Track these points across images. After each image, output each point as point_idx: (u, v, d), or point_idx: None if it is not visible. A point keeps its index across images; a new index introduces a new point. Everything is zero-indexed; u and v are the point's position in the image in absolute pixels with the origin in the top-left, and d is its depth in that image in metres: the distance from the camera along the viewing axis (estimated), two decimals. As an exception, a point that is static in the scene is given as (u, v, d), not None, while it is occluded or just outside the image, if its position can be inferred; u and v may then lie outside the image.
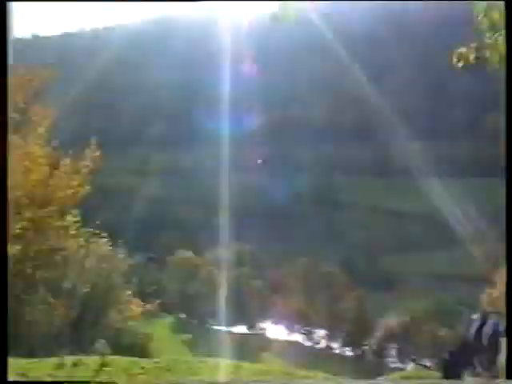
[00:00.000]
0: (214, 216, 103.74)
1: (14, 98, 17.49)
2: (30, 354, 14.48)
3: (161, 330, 56.92)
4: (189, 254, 75.87)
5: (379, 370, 45.10)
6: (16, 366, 13.16)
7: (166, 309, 65.00)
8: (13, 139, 16.95)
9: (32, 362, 13.75)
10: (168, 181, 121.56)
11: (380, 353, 60.68)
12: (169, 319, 68.80)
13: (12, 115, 17.22)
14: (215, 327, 69.54)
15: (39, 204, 17.51)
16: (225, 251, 74.70)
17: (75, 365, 13.16)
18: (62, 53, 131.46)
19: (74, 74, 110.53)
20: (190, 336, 62.86)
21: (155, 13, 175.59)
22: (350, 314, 63.27)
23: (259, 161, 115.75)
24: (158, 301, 44.73)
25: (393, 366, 56.05)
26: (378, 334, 60.82)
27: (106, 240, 22.54)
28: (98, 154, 19.38)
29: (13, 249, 16.97)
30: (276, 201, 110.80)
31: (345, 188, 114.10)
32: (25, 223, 17.10)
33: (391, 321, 60.20)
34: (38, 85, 18.36)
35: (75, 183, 18.59)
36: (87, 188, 19.14)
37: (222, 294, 67.33)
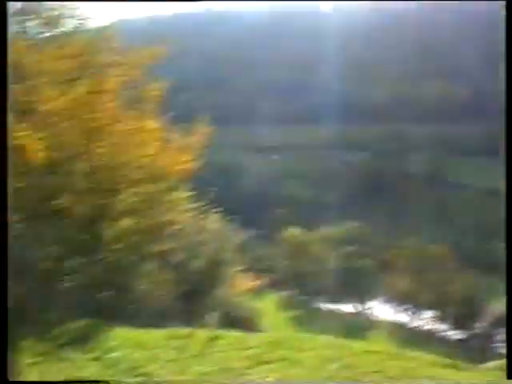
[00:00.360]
0: (324, 193, 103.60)
1: (131, 74, 17.87)
2: (144, 325, 14.87)
3: (269, 306, 57.41)
4: (298, 230, 75.90)
5: (485, 354, 43.93)
6: (130, 336, 13.54)
7: (274, 285, 65.53)
8: (128, 115, 17.35)
9: (146, 332, 14.10)
10: (279, 157, 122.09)
11: (487, 337, 59.01)
12: (277, 295, 69.29)
13: (128, 91, 17.62)
14: (323, 304, 69.59)
15: (152, 178, 17.86)
16: (334, 229, 74.51)
17: (188, 336, 13.41)
18: (176, 32, 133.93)
19: (188, 51, 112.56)
20: (297, 312, 63.08)
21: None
22: (458, 296, 61.70)
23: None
24: (266, 276, 45.01)
25: (500, 351, 54.39)
26: (487, 318, 59.19)
27: (217, 215, 22.85)
28: (210, 129, 19.52)
29: (126, 222, 17.44)
30: (388, 180, 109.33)
31: (458, 168, 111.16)
32: (138, 197, 17.52)
33: (501, 305, 58.37)
34: (152, 61, 18.63)
35: (187, 158, 18.79)
36: (199, 163, 19.32)
37: (331, 271, 67.23)
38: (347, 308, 68.83)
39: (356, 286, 66.39)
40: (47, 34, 18.67)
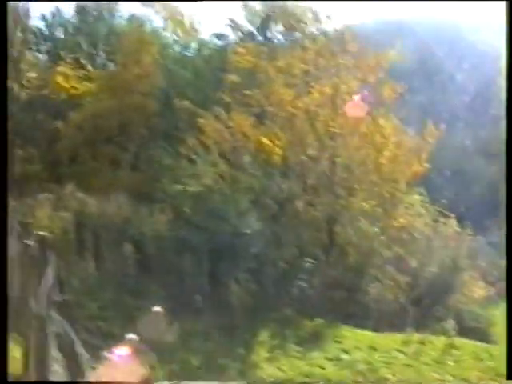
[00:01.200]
0: None
1: (366, 78, 17.97)
2: (375, 328, 14.79)
3: (500, 316, 54.92)
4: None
5: None
6: (363, 338, 13.53)
7: (505, 294, 62.58)
8: (364, 116, 17.39)
9: (379, 336, 13.98)
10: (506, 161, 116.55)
11: None
12: (507, 305, 66.21)
13: (364, 94, 17.68)
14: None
15: (386, 181, 17.74)
16: None
17: (422, 343, 13.16)
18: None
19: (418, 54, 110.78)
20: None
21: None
22: None
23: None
24: (498, 285, 42.79)
25: None
26: None
27: (450, 220, 22.07)
28: (439, 131, 19.00)
29: (361, 224, 17.42)
30: None
31: None
32: (373, 199, 17.47)
33: None
34: (387, 64, 18.60)
35: (419, 160, 18.48)
36: (430, 165, 18.92)
37: None
38: None
39: None
40: (288, 39, 19.33)
